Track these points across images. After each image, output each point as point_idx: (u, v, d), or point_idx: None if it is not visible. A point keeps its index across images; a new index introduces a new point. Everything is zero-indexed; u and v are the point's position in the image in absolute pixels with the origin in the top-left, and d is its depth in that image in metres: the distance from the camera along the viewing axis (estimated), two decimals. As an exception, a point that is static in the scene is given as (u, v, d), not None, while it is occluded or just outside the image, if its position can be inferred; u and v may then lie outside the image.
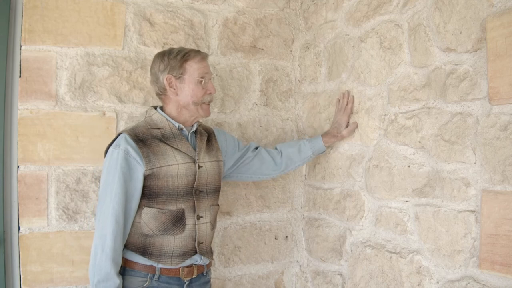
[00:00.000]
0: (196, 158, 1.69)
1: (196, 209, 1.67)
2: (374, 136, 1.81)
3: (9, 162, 1.87)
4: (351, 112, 1.92)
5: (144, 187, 1.59)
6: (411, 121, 1.61)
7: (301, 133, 2.32)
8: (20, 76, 1.86)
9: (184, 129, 1.71)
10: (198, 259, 1.69)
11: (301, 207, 2.34)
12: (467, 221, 1.38)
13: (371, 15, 1.81)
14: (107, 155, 1.61)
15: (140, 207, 1.61)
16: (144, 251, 1.61)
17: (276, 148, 2.03)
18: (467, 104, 1.39)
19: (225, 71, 2.19)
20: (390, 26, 1.71)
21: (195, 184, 1.67)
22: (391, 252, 1.69)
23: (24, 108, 1.86)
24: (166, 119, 1.68)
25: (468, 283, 1.37)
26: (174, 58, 1.66)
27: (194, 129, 1.74)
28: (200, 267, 1.71)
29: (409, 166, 1.62)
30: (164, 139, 1.64)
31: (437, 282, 1.49)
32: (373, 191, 1.80)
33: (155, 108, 1.73)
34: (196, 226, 1.67)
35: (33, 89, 1.87)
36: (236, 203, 2.21)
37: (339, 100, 1.98)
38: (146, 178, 1.58)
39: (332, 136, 1.96)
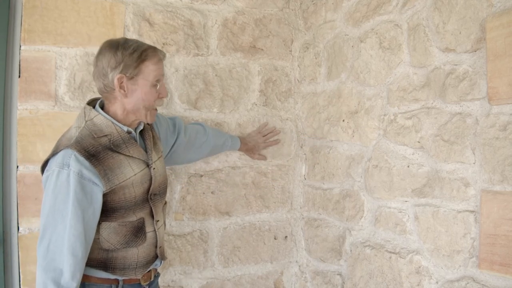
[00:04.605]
0: (150, 161, 1.54)
1: (154, 215, 1.56)
2: (373, 136, 1.81)
3: (8, 162, 1.87)
4: (268, 143, 2.24)
5: None
6: (410, 121, 1.61)
7: (300, 133, 2.32)
8: (19, 76, 1.86)
9: (133, 131, 1.53)
10: (158, 263, 1.63)
11: (301, 207, 2.33)
12: (466, 221, 1.39)
13: (371, 15, 1.81)
14: (50, 174, 1.36)
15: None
16: (106, 266, 1.47)
17: (205, 130, 1.98)
18: (466, 104, 1.39)
19: (225, 71, 2.18)
20: (389, 26, 1.71)
21: (150, 189, 1.53)
22: (390, 252, 1.69)
23: (23, 108, 1.86)
24: (112, 122, 1.45)
25: (468, 283, 1.37)
26: (130, 56, 1.42)
27: (141, 128, 1.58)
28: (155, 269, 1.65)
29: (408, 166, 1.62)
30: (114, 147, 1.43)
31: (437, 282, 1.49)
32: (372, 191, 1.80)
33: (93, 106, 1.49)
34: (156, 232, 1.57)
35: (33, 89, 1.87)
36: (235, 203, 2.21)
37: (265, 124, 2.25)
38: (103, 195, 1.41)
39: (248, 150, 2.19)
